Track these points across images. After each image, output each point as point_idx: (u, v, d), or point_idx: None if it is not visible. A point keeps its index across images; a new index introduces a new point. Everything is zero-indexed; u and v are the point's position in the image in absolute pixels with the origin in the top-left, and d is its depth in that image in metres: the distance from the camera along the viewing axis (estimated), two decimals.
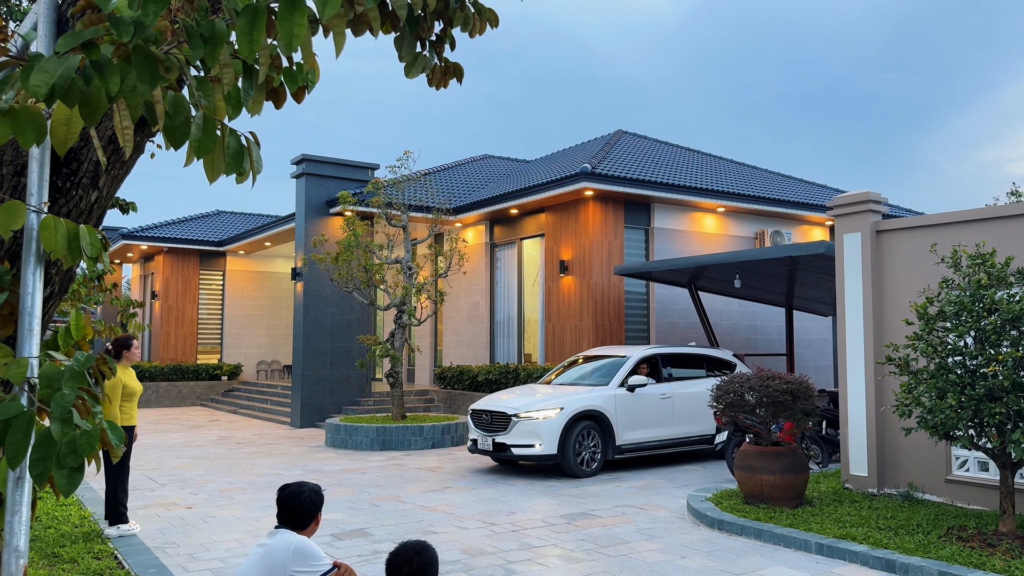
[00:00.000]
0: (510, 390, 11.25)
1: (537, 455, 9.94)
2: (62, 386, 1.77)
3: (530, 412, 10.04)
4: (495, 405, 10.39)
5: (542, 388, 11.00)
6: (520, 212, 16.80)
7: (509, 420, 10.14)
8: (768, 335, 17.31)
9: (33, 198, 2.01)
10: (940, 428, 6.32)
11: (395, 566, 2.83)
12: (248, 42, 1.52)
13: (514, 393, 10.86)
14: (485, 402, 10.69)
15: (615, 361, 11.21)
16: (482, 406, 10.58)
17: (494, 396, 10.91)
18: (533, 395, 10.54)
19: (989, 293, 6.31)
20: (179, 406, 22.39)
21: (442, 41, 2.74)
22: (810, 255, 10.28)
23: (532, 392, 10.78)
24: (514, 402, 10.31)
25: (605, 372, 11.07)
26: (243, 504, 8.52)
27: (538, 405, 10.12)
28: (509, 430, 10.11)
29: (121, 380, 6.99)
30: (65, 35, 1.48)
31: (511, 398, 10.51)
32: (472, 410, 10.76)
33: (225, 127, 1.77)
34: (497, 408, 10.30)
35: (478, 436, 10.50)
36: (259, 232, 20.85)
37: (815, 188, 20.13)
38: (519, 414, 10.05)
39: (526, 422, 10.01)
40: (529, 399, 10.33)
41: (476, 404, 10.75)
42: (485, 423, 10.47)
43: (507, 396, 10.70)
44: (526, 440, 10.00)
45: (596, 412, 10.34)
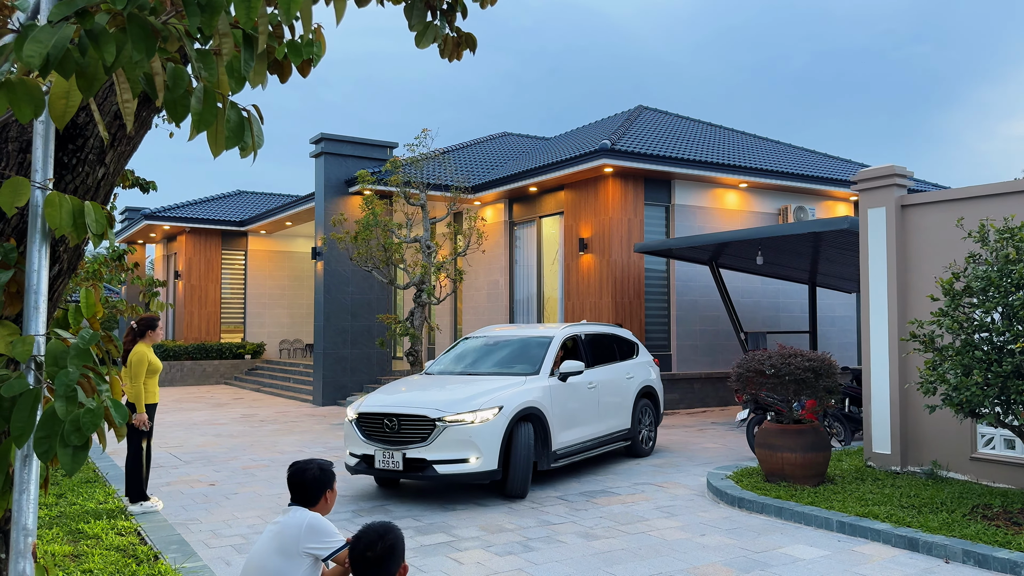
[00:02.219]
0: (395, 385, 8.50)
1: (473, 472, 7.26)
2: (67, 364, 1.75)
3: (460, 414, 7.30)
4: (404, 405, 7.51)
5: (443, 380, 8.39)
6: (539, 190, 16.70)
7: (432, 426, 7.28)
8: (791, 312, 17.14)
9: (38, 174, 1.98)
10: (965, 406, 6.21)
11: (357, 550, 2.77)
12: (246, 9, 1.48)
13: (413, 388, 8.11)
14: (381, 402, 7.69)
15: (530, 341, 8.99)
16: (382, 408, 7.57)
17: (386, 394, 7.99)
18: (446, 390, 7.88)
19: (1018, 268, 6.16)
20: (203, 384, 22.65)
21: (453, 10, 2.68)
22: (834, 231, 10.12)
23: (437, 385, 8.13)
24: (430, 400, 7.56)
25: (521, 356, 8.75)
26: (265, 481, 8.60)
27: (470, 404, 7.43)
28: (431, 440, 7.24)
29: (147, 357, 7.07)
30: (58, 4, 1.45)
31: (419, 394, 7.78)
32: (361, 415, 7.69)
33: (226, 100, 1.73)
34: (411, 410, 7.40)
35: (375, 451, 7.44)
36: (280, 212, 20.92)
37: (839, 163, 19.81)
38: (445, 417, 7.26)
39: (456, 428, 7.24)
40: (450, 395, 7.65)
41: (365, 406, 7.74)
42: (388, 432, 7.48)
43: (409, 393, 7.90)
44: (457, 453, 7.24)
45: (534, 410, 7.84)
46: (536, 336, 9.08)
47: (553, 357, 8.63)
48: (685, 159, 14.96)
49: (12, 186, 1.82)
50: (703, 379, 15.74)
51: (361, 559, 2.76)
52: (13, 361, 2.03)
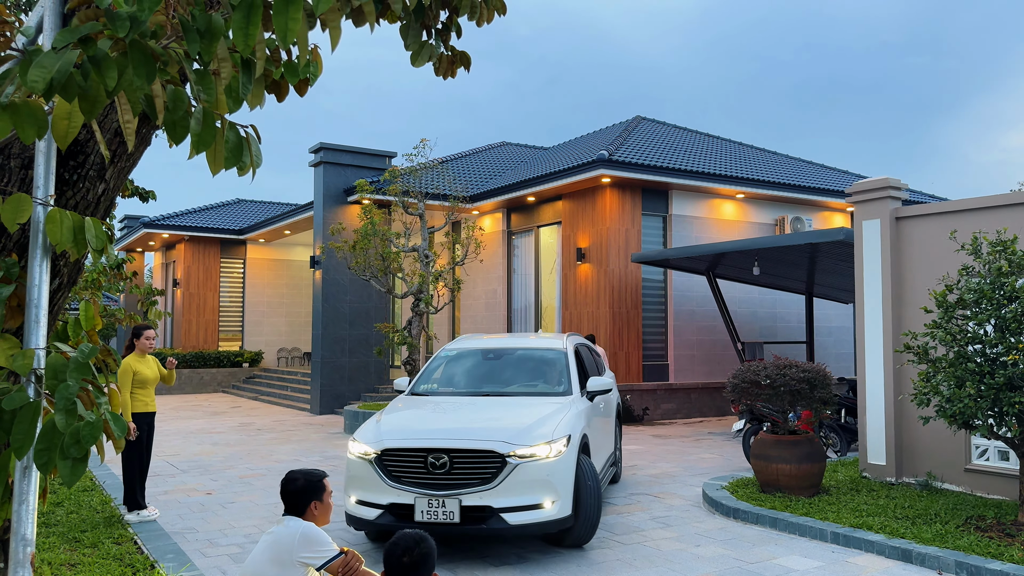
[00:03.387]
0: (402, 411, 6.67)
1: (549, 520, 5.75)
2: (67, 377, 1.79)
3: (534, 446, 5.80)
4: (457, 436, 5.84)
5: (459, 403, 6.81)
6: (537, 199, 16.76)
7: (499, 463, 5.69)
8: (788, 323, 17.18)
9: (39, 191, 2.03)
10: (959, 417, 6.25)
11: (394, 556, 2.85)
12: (244, 36, 1.53)
13: (440, 413, 6.50)
14: (421, 433, 5.96)
15: (538, 354, 7.68)
16: (426, 440, 5.83)
17: (416, 422, 6.28)
18: (486, 414, 6.32)
19: (1010, 281, 6.21)
20: (200, 392, 22.65)
21: (448, 30, 2.73)
22: (829, 242, 10.18)
23: (467, 409, 6.54)
24: (487, 428, 5.96)
25: (538, 372, 7.46)
26: (262, 490, 8.62)
27: (541, 433, 5.95)
28: (499, 481, 5.65)
29: (131, 368, 7.06)
30: (62, 30, 1.49)
31: (462, 421, 6.19)
32: (388, 451, 5.87)
33: (225, 120, 1.78)
34: (471, 443, 5.74)
35: (414, 499, 5.68)
36: (278, 220, 20.98)
37: (836, 174, 19.90)
38: (517, 451, 5.72)
39: (530, 465, 5.71)
40: (507, 422, 6.07)
41: (391, 437, 5.95)
42: (433, 473, 5.73)
43: (445, 419, 6.31)
44: (530, 496, 5.70)
45: (585, 438, 6.53)
46: (542, 348, 7.73)
47: (576, 373, 7.42)
48: (682, 170, 15.04)
49: (14, 202, 1.87)
50: (700, 389, 15.77)
51: (397, 565, 2.84)
52: (13, 374, 2.07)
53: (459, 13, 2.61)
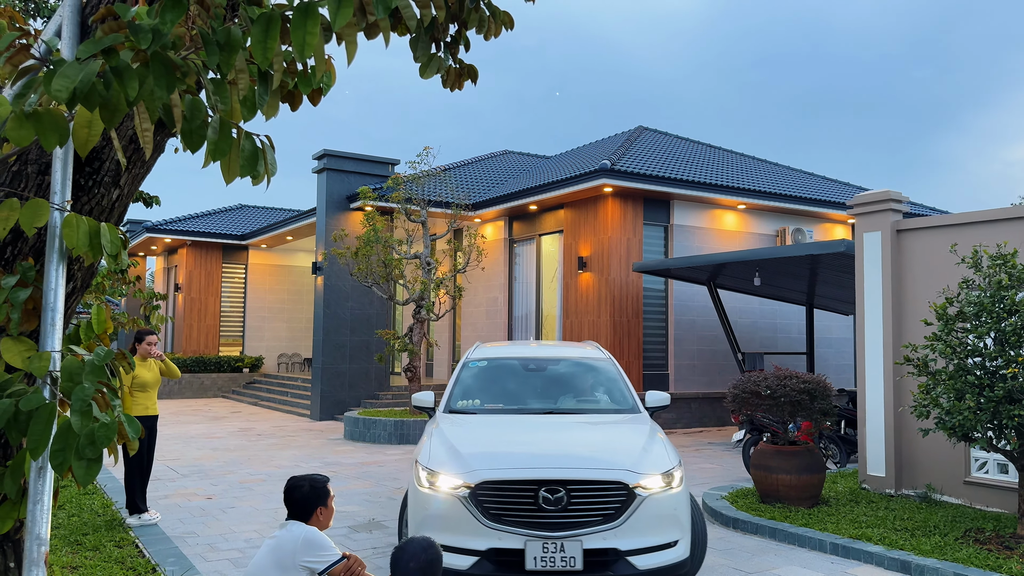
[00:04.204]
0: (460, 432, 5.64)
1: (678, 562, 4.99)
2: (82, 380, 1.83)
3: (659, 474, 5.03)
4: (569, 464, 4.95)
5: (524, 422, 5.89)
6: (539, 208, 16.82)
7: (624, 495, 4.88)
8: (788, 334, 17.21)
9: (56, 196, 2.07)
10: (958, 430, 6.27)
11: (402, 561, 2.88)
12: (262, 49, 1.57)
13: (522, 433, 5.59)
14: (521, 460, 5.04)
15: (582, 365, 6.91)
16: (535, 471, 4.89)
17: (513, 447, 5.30)
18: (578, 435, 5.55)
19: (1010, 294, 6.25)
20: (201, 397, 22.66)
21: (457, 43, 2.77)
22: (830, 254, 10.22)
23: (543, 429, 5.66)
24: (594, 452, 5.17)
25: (591, 386, 6.72)
26: (262, 495, 8.64)
27: (660, 459, 5.19)
28: (625, 517, 4.84)
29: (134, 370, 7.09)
30: (86, 42, 1.54)
31: (557, 443, 5.34)
32: (487, 484, 4.89)
33: (241, 130, 1.82)
34: (589, 472, 4.88)
35: (524, 542, 4.77)
36: (281, 226, 21.04)
37: (838, 185, 19.95)
38: (643, 481, 4.92)
39: (659, 498, 4.96)
40: (614, 445, 5.30)
41: (485, 467, 4.98)
42: (546, 510, 4.82)
43: (539, 441, 5.41)
44: (659, 535, 4.93)
45: None
46: (584, 358, 6.97)
47: (631, 384, 6.80)
48: (684, 180, 15.09)
49: (32, 207, 1.91)
50: (700, 399, 15.78)
51: (404, 571, 2.87)
52: (29, 376, 2.11)
53: (468, 27, 2.66)
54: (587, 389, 6.69)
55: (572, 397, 6.58)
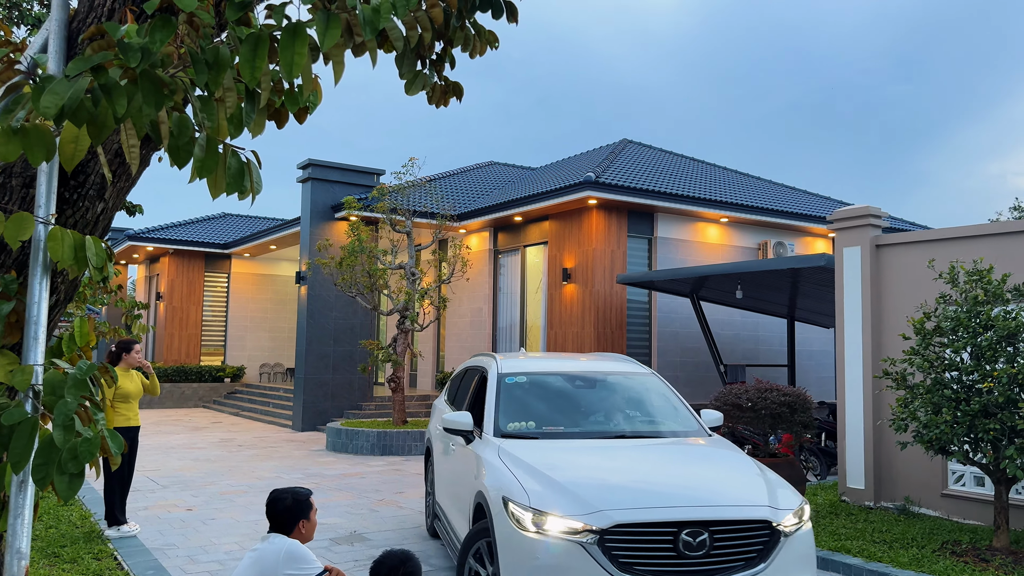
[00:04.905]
0: (518, 455, 4.96)
1: None
2: (65, 394, 1.83)
3: (795, 510, 4.56)
4: (704, 500, 4.37)
5: (601, 448, 5.18)
6: (524, 219, 16.87)
7: (767, 535, 4.38)
8: (770, 346, 17.33)
9: (41, 210, 2.08)
10: (935, 443, 6.35)
11: (381, 573, 2.89)
12: (251, 68, 1.59)
13: (630, 463, 4.90)
14: (650, 499, 4.34)
15: (629, 381, 6.23)
16: (668, 511, 4.26)
17: (627, 486, 4.49)
18: (683, 467, 4.92)
19: (985, 309, 6.35)
20: (181, 407, 22.47)
21: (442, 61, 2.81)
22: (811, 268, 10.33)
23: (641, 458, 5.01)
24: (731, 489, 4.58)
25: (642, 404, 6.03)
26: (243, 507, 8.58)
27: (788, 492, 4.73)
28: (769, 561, 4.34)
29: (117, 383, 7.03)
30: (75, 59, 1.55)
31: (676, 477, 4.68)
32: (619, 527, 4.20)
33: (228, 147, 1.84)
34: (730, 511, 4.33)
35: None
36: (264, 235, 20.96)
37: (819, 200, 20.17)
38: (784, 520, 4.43)
39: (799, 537, 4.49)
40: (723, 475, 4.79)
41: (610, 510, 4.26)
42: (688, 555, 4.20)
43: (656, 475, 4.70)
44: None
45: None
46: (628, 372, 6.38)
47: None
48: (668, 193, 15.21)
49: (17, 221, 1.92)
50: None
51: None
52: (11, 389, 2.11)
53: (453, 45, 2.69)
54: (644, 408, 6.01)
55: (634, 418, 5.85)
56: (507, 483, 4.57)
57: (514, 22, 2.60)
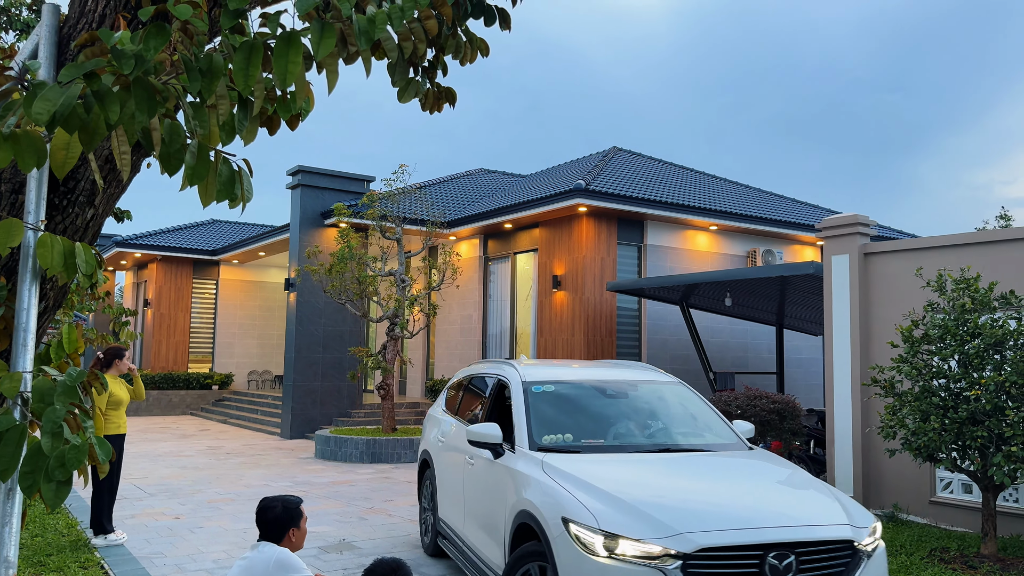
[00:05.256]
0: (567, 471, 4.60)
1: None
2: (54, 401, 1.82)
3: (870, 527, 4.37)
4: (785, 520, 4.10)
5: (645, 461, 4.87)
6: (514, 227, 16.89)
7: (849, 556, 4.19)
8: (759, 353, 17.39)
9: (31, 216, 2.07)
10: (923, 450, 6.38)
11: None
12: (244, 76, 1.59)
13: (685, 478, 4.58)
14: (727, 518, 4.06)
15: (660, 391, 5.96)
16: (752, 532, 3.98)
17: (672, 493, 4.30)
18: (779, 480, 4.68)
19: (973, 317, 6.39)
20: (169, 415, 22.32)
21: (434, 67, 2.82)
22: (799, 275, 10.38)
23: (743, 473, 4.78)
24: (808, 504, 4.35)
25: (676, 415, 5.75)
26: (231, 515, 8.53)
27: (859, 509, 4.54)
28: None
29: (108, 389, 6.99)
30: (68, 66, 1.55)
31: (743, 494, 4.35)
32: (705, 551, 3.90)
33: (219, 154, 1.83)
34: (819, 530, 4.09)
35: None
36: (253, 242, 20.89)
37: (807, 208, 20.29)
38: (864, 540, 4.23)
39: (876, 558, 4.31)
40: (807, 493, 4.52)
41: (705, 527, 3.99)
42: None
43: (724, 492, 4.39)
44: None
45: None
46: (656, 382, 6.10)
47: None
48: (657, 201, 15.26)
49: (6, 227, 1.90)
50: None
51: None
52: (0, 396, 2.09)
53: (445, 52, 2.70)
54: (680, 419, 5.72)
55: (673, 429, 5.54)
56: (564, 502, 4.23)
57: (507, 29, 2.62)
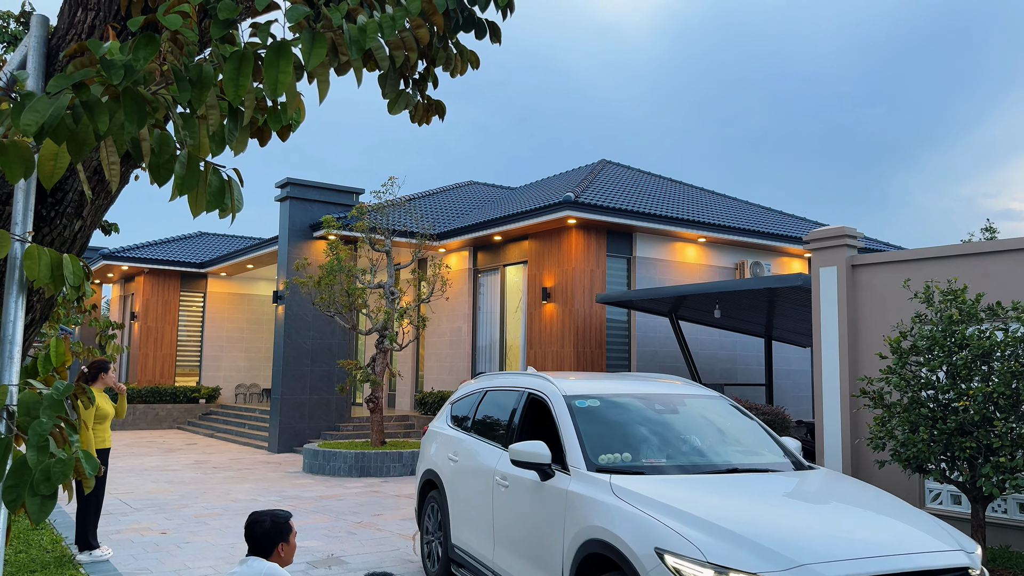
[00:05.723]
0: (644, 496, 4.18)
1: None
2: (40, 414, 1.80)
3: (975, 554, 4.11)
4: (895, 547, 3.79)
5: (722, 484, 4.42)
6: (503, 239, 16.90)
7: None
8: (748, 365, 17.43)
9: (18, 227, 2.05)
10: (913, 461, 6.40)
11: None
12: (235, 86, 1.58)
13: (778, 507, 4.14)
14: (845, 548, 3.70)
15: (705, 406, 5.66)
16: (878, 562, 3.65)
17: (764, 520, 3.91)
18: (869, 504, 4.35)
19: (960, 329, 6.43)
20: (156, 429, 22.13)
21: (425, 80, 2.82)
22: (787, 287, 10.42)
23: (828, 495, 4.47)
24: (916, 528, 4.06)
25: (726, 433, 5.41)
26: (218, 530, 8.44)
27: (957, 532, 4.31)
28: None
29: (95, 403, 6.93)
30: (57, 76, 1.54)
31: (839, 522, 4.00)
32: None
33: (208, 164, 1.82)
34: (935, 558, 3.81)
35: None
36: (242, 254, 20.81)
37: (794, 220, 20.42)
38: (973, 566, 3.98)
39: None
40: (905, 516, 4.22)
41: (821, 558, 3.60)
42: None
43: (818, 518, 4.02)
44: None
45: None
46: (702, 396, 5.80)
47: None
48: (646, 213, 15.32)
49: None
50: None
51: None
52: None
53: (435, 64, 2.70)
54: (735, 436, 5.40)
55: (732, 448, 5.20)
56: (654, 530, 3.85)
57: (497, 42, 2.62)
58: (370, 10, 1.93)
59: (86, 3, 2.16)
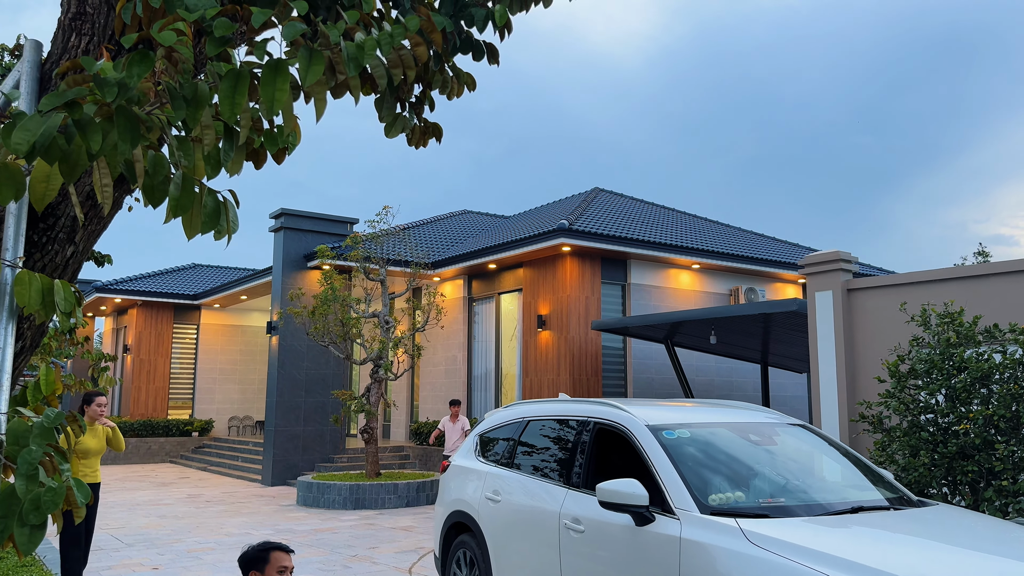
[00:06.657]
0: (797, 548, 3.55)
1: None
2: (30, 443, 1.75)
3: None
4: None
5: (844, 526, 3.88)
6: (498, 267, 16.89)
7: None
8: (744, 391, 17.37)
9: (8, 253, 2.01)
10: (915, 485, 6.34)
11: None
12: (230, 105, 1.56)
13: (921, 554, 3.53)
14: None
15: (799, 433, 5.20)
16: None
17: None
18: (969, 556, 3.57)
19: (958, 351, 6.41)
20: (148, 463, 21.87)
21: (421, 103, 2.81)
22: (783, 312, 10.41)
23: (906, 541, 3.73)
24: None
25: (829, 463, 5.03)
26: (211, 565, 8.29)
27: None
28: None
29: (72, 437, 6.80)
30: (49, 94, 1.51)
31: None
32: None
33: (203, 186, 1.80)
34: None
35: None
36: (236, 286, 20.74)
37: (787, 247, 20.49)
38: None
39: None
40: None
41: None
42: None
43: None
44: None
45: None
46: (788, 424, 5.28)
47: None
48: (640, 240, 15.35)
49: None
50: None
51: None
52: None
53: (432, 87, 2.70)
54: (839, 470, 4.97)
55: (842, 483, 4.72)
56: None
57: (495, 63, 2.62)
58: (367, 28, 1.92)
59: (80, 28, 2.15)
